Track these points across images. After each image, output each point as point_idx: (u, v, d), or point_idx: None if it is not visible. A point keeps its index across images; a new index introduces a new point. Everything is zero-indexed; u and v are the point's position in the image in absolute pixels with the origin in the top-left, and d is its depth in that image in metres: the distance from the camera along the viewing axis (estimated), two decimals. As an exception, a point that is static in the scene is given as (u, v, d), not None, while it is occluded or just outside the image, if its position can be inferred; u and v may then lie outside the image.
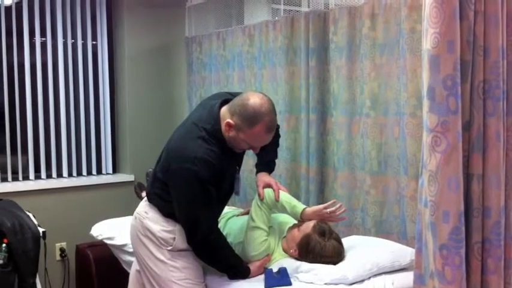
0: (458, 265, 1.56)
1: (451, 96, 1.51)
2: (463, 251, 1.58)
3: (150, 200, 2.41)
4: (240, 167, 2.47)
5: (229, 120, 2.21)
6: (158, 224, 2.33)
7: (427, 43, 1.57)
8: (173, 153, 2.27)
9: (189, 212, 2.25)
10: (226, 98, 2.31)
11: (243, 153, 2.49)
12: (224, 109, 2.26)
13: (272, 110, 2.23)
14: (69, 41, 3.95)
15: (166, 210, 2.32)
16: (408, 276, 2.25)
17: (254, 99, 2.20)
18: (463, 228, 1.58)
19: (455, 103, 1.52)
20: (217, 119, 2.24)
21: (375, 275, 2.30)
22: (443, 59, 1.52)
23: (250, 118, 2.18)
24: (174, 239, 2.32)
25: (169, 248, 2.31)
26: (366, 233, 2.83)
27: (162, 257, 2.31)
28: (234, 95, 2.37)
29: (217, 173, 2.21)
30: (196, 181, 2.18)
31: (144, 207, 2.42)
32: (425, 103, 1.59)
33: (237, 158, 2.41)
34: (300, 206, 2.60)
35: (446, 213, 1.54)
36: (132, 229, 2.44)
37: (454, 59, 1.50)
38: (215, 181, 2.22)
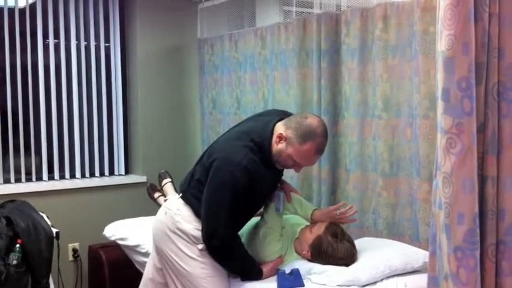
0: (472, 267, 1.55)
1: (465, 98, 1.50)
2: (477, 253, 1.57)
3: (184, 198, 2.42)
4: (278, 184, 2.50)
5: (282, 132, 2.26)
6: (190, 223, 2.35)
7: (442, 45, 1.56)
8: (218, 154, 2.30)
9: (213, 213, 2.27)
10: (282, 117, 2.35)
11: (282, 173, 2.51)
12: (279, 124, 2.32)
13: (326, 135, 2.30)
14: (82, 43, 3.98)
15: (199, 212, 2.33)
16: (421, 279, 2.25)
17: (312, 119, 2.29)
18: (478, 231, 1.57)
19: (470, 105, 1.52)
20: (270, 135, 2.29)
21: (388, 277, 2.31)
22: (458, 60, 1.52)
23: (303, 134, 2.23)
24: None
25: (201, 246, 2.32)
26: (377, 235, 2.83)
27: (192, 254, 2.33)
28: (288, 114, 2.43)
29: (253, 185, 2.24)
30: (230, 186, 2.22)
31: (176, 204, 2.43)
32: (440, 105, 1.59)
33: (275, 176, 2.44)
34: (310, 208, 2.62)
35: (461, 215, 1.54)
36: (159, 224, 2.45)
37: (469, 60, 1.50)
38: (248, 192, 2.25)
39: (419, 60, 2.55)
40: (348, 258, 2.35)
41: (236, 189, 2.22)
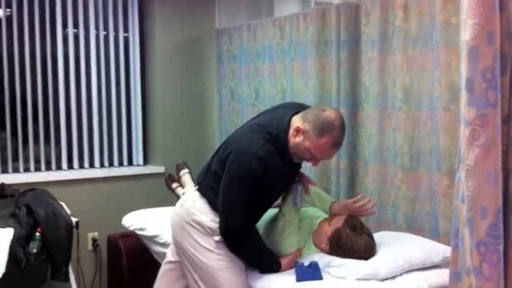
0: (496, 262, 1.53)
1: (490, 89, 1.47)
2: (501, 248, 1.54)
3: (200, 190, 2.42)
4: (295, 178, 2.49)
5: (299, 125, 2.24)
6: (206, 215, 2.35)
7: (466, 34, 1.53)
8: (235, 145, 2.30)
9: (230, 205, 2.27)
10: (299, 110, 2.33)
11: (299, 166, 2.49)
12: (296, 117, 2.30)
13: (343, 128, 2.27)
14: (101, 33, 3.99)
15: (216, 204, 2.33)
16: (441, 274, 2.22)
17: (330, 112, 2.26)
18: (501, 225, 1.54)
19: (495, 96, 1.48)
20: (286, 128, 2.27)
21: (407, 272, 2.28)
22: (482, 50, 1.48)
23: (321, 127, 2.21)
24: None
25: (217, 238, 2.32)
26: (396, 229, 2.80)
27: (208, 246, 2.33)
28: (305, 107, 2.41)
29: (269, 176, 2.23)
30: (247, 177, 2.21)
31: (192, 196, 2.43)
32: (464, 96, 1.56)
33: (292, 168, 2.42)
34: (329, 200, 2.60)
35: (484, 209, 1.51)
36: (176, 216, 2.45)
37: (494, 50, 1.46)
38: (264, 184, 2.24)
39: (441, 52, 2.50)
40: (366, 251, 2.33)
41: (253, 180, 2.22)
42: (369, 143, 2.96)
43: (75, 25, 3.89)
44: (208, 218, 2.34)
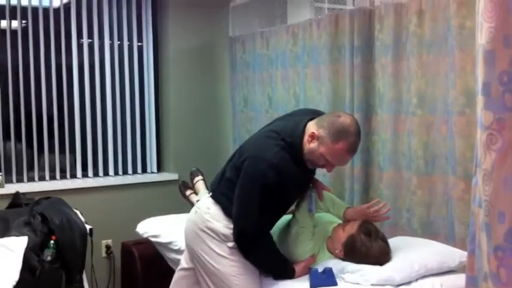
0: (514, 267, 1.50)
1: (507, 93, 1.45)
2: (519, 253, 1.52)
3: (214, 197, 2.42)
4: (309, 184, 2.49)
5: (314, 131, 2.24)
6: (220, 222, 2.35)
7: (482, 38, 1.51)
8: (250, 152, 2.30)
9: (244, 211, 2.27)
10: (313, 117, 2.33)
11: (314, 172, 2.49)
12: (311, 123, 2.30)
13: (359, 134, 2.26)
14: (116, 42, 4.02)
15: (229, 211, 2.33)
16: (457, 279, 2.21)
17: (345, 118, 2.25)
18: (519, 229, 1.52)
19: (512, 99, 1.47)
20: (301, 134, 2.27)
21: (423, 277, 2.26)
22: (498, 54, 1.47)
23: (336, 133, 2.20)
24: None
25: (231, 244, 2.31)
26: (412, 234, 2.77)
27: (222, 253, 2.32)
28: (319, 113, 2.40)
29: (284, 183, 2.22)
30: (261, 184, 2.21)
31: (206, 203, 2.43)
32: (480, 100, 1.54)
33: (307, 174, 2.42)
34: (343, 206, 2.59)
35: (502, 214, 1.49)
36: (189, 223, 2.46)
37: (510, 54, 1.45)
38: (279, 190, 2.23)
39: (456, 56, 2.49)
40: (381, 257, 2.31)
41: (267, 187, 2.21)
42: (383, 148, 2.95)
43: (90, 35, 3.93)
44: (222, 224, 2.34)
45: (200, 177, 3.25)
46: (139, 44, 4.15)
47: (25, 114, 3.70)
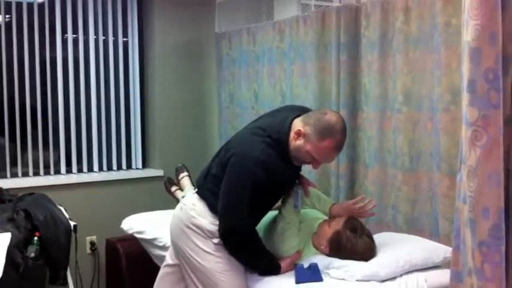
0: (498, 262, 1.52)
1: (492, 90, 1.47)
2: (503, 248, 1.54)
3: (200, 193, 2.41)
4: (295, 181, 2.49)
5: (300, 128, 2.23)
6: (205, 218, 2.34)
7: (468, 35, 1.53)
8: (236, 149, 2.29)
9: (230, 208, 2.26)
10: (300, 114, 2.33)
11: (300, 169, 2.49)
12: (297, 120, 2.29)
13: (345, 131, 2.27)
14: (101, 38, 3.99)
15: (215, 207, 2.32)
16: (442, 274, 2.23)
17: (331, 116, 2.25)
18: (503, 225, 1.54)
19: (497, 97, 1.48)
20: (287, 131, 2.27)
21: (407, 273, 2.27)
22: (484, 51, 1.48)
23: (322, 131, 2.20)
24: None
25: (216, 240, 2.31)
26: (397, 230, 2.79)
27: (208, 249, 2.32)
28: (306, 110, 2.40)
29: (270, 180, 2.22)
30: (248, 181, 2.21)
31: (192, 199, 2.42)
32: (465, 96, 1.56)
33: (293, 171, 2.41)
34: (329, 202, 2.61)
35: (486, 210, 1.51)
36: (174, 219, 2.45)
37: (496, 51, 1.46)
38: (265, 187, 2.23)
39: (441, 53, 2.51)
40: (367, 253, 2.32)
41: (253, 184, 2.21)
42: (369, 145, 2.96)
43: (75, 30, 3.89)
44: (208, 221, 2.33)
45: (185, 173, 3.24)
46: (125, 39, 4.12)
47: (8, 110, 3.66)
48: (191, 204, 2.39)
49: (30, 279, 2.89)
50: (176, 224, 2.42)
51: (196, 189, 2.46)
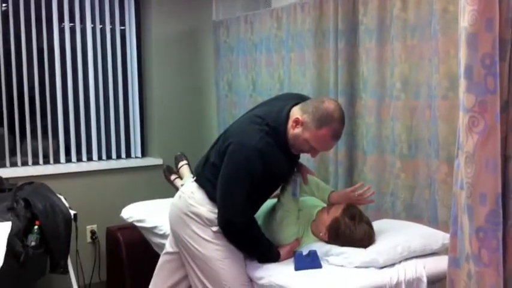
0: (495, 248, 1.53)
1: (489, 76, 1.47)
2: (500, 234, 1.55)
3: (198, 181, 2.41)
4: (294, 169, 2.49)
5: (298, 116, 2.24)
6: (204, 206, 2.35)
7: (464, 21, 1.53)
8: (234, 137, 2.29)
9: (229, 197, 2.26)
10: (298, 102, 2.33)
11: (298, 157, 2.49)
12: (295, 108, 2.29)
13: (342, 120, 2.27)
14: (98, 26, 3.98)
15: (213, 195, 2.33)
16: (440, 261, 2.24)
17: (329, 104, 2.25)
18: (501, 211, 1.54)
19: (494, 82, 1.48)
20: (285, 119, 2.27)
21: (406, 259, 2.29)
22: (481, 37, 1.48)
23: (320, 119, 2.20)
24: None
25: (215, 228, 2.32)
26: (395, 217, 2.81)
27: (206, 237, 2.33)
28: (304, 98, 2.40)
29: (268, 168, 2.22)
30: (246, 170, 2.21)
31: (190, 187, 2.43)
32: (462, 83, 1.56)
33: (291, 160, 2.41)
34: (327, 190, 2.61)
35: (483, 196, 1.51)
36: (173, 207, 2.46)
37: (493, 37, 1.46)
38: (263, 176, 2.23)
39: (439, 40, 2.50)
40: (365, 240, 2.33)
41: (251, 172, 2.21)
42: (367, 133, 2.97)
43: (72, 19, 3.88)
44: (206, 209, 2.34)
45: (185, 161, 3.24)
46: (122, 28, 4.11)
47: (6, 100, 3.66)
48: (190, 193, 2.40)
49: (31, 267, 2.91)
50: (175, 213, 2.43)
51: (194, 178, 2.46)
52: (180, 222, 2.39)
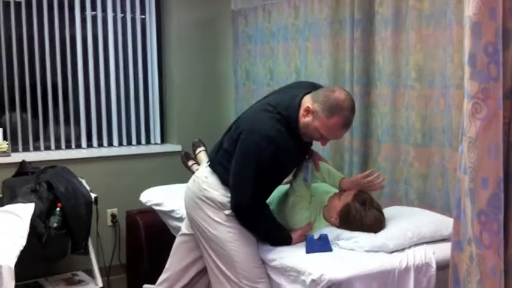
0: (496, 231, 1.57)
1: (492, 63, 1.50)
2: (501, 217, 1.58)
3: (212, 166, 2.47)
4: (306, 156, 2.53)
5: (309, 105, 2.28)
6: (217, 190, 2.40)
7: (469, 10, 1.56)
8: (246, 125, 2.35)
9: (241, 183, 2.32)
10: (310, 91, 2.37)
11: (310, 144, 2.54)
12: (307, 97, 2.33)
13: (352, 109, 2.30)
14: (119, 15, 4.05)
15: (226, 180, 2.38)
16: (450, 247, 2.26)
17: (340, 93, 2.29)
18: (502, 195, 1.58)
19: (497, 70, 1.51)
20: (297, 108, 2.31)
21: (416, 245, 2.32)
22: (484, 25, 1.51)
23: (330, 108, 2.24)
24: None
25: (228, 212, 2.38)
26: (409, 205, 2.83)
27: (219, 220, 2.39)
28: (316, 86, 2.44)
29: (280, 155, 2.27)
30: (258, 156, 2.26)
31: (204, 172, 2.48)
32: (467, 70, 1.59)
33: (303, 147, 2.46)
34: (338, 176, 2.65)
35: (485, 180, 1.55)
36: (188, 192, 2.52)
37: (496, 25, 1.49)
38: (275, 163, 2.28)
39: (454, 30, 2.51)
40: (376, 225, 2.38)
41: (263, 159, 2.26)
42: (382, 122, 2.99)
43: (93, 8, 3.95)
44: (219, 193, 2.40)
45: (202, 148, 3.31)
46: (142, 16, 4.17)
47: (30, 85, 3.75)
48: (203, 177, 2.46)
49: (53, 248, 3.01)
50: (190, 196, 2.50)
51: (208, 163, 2.52)
52: (194, 205, 2.46)
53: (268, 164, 2.27)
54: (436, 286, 2.23)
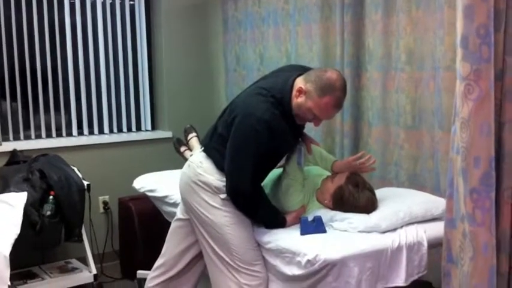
0: (488, 208, 1.60)
1: (484, 45, 1.52)
2: (493, 195, 1.62)
3: (206, 151, 2.48)
4: (299, 139, 2.55)
5: (302, 86, 2.29)
6: (212, 175, 2.41)
7: (462, -8, 1.58)
8: (240, 109, 2.35)
9: (236, 167, 2.33)
10: (301, 73, 2.38)
11: (303, 127, 2.55)
12: (299, 78, 2.35)
13: (344, 89, 2.31)
14: (108, 1, 4.02)
15: (221, 164, 2.39)
16: (440, 226, 2.28)
17: (332, 73, 2.30)
18: (494, 173, 1.61)
19: (488, 51, 1.53)
20: (290, 90, 2.32)
21: (407, 224, 2.36)
22: (476, 7, 1.53)
23: (322, 87, 2.25)
24: None
25: (223, 196, 2.39)
26: (399, 186, 2.88)
27: (215, 204, 2.40)
28: (307, 69, 2.46)
29: (274, 138, 2.29)
30: (252, 140, 2.28)
31: (199, 157, 2.49)
32: (459, 52, 1.61)
33: (296, 130, 2.48)
34: (331, 159, 2.67)
35: (478, 159, 1.58)
36: (183, 176, 2.53)
37: (488, 7, 1.51)
38: (270, 146, 2.30)
39: (444, 12, 2.53)
40: (368, 206, 2.41)
41: (258, 143, 2.28)
42: (373, 104, 3.02)
43: (82, -7, 3.93)
44: (214, 177, 2.42)
45: (194, 133, 3.31)
46: (131, 2, 4.15)
47: (19, 74, 3.72)
48: (198, 162, 2.47)
49: (47, 236, 3.02)
50: (185, 181, 2.51)
51: (203, 148, 2.53)
52: (190, 190, 2.47)
53: (263, 147, 2.29)
54: (427, 264, 2.27)
